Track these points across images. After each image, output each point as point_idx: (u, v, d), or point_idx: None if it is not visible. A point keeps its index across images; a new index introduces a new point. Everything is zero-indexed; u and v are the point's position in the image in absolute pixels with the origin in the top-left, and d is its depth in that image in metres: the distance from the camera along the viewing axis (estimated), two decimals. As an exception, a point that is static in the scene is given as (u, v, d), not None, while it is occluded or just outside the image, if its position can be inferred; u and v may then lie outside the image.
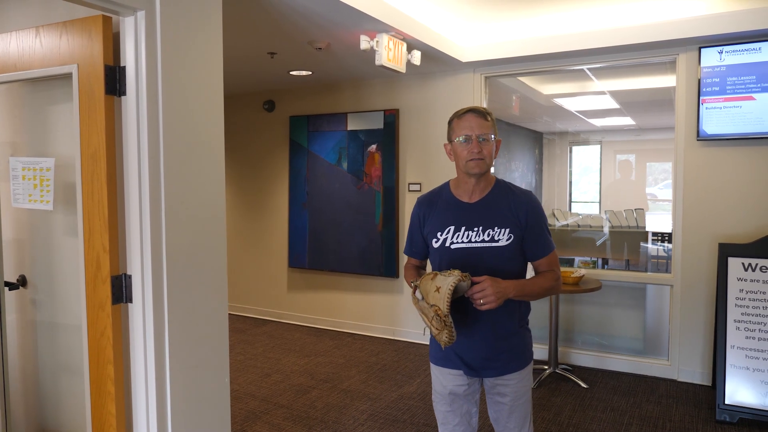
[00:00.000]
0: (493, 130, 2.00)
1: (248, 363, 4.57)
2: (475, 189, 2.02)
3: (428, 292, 1.87)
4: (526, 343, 2.13)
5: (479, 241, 1.97)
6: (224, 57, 4.19)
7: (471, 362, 2.05)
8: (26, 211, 2.59)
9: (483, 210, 2.00)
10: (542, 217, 2.04)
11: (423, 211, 2.12)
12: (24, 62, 2.34)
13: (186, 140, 2.26)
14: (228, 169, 6.21)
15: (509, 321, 2.04)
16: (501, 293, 1.84)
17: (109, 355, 2.21)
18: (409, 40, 3.72)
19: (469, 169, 1.96)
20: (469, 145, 1.94)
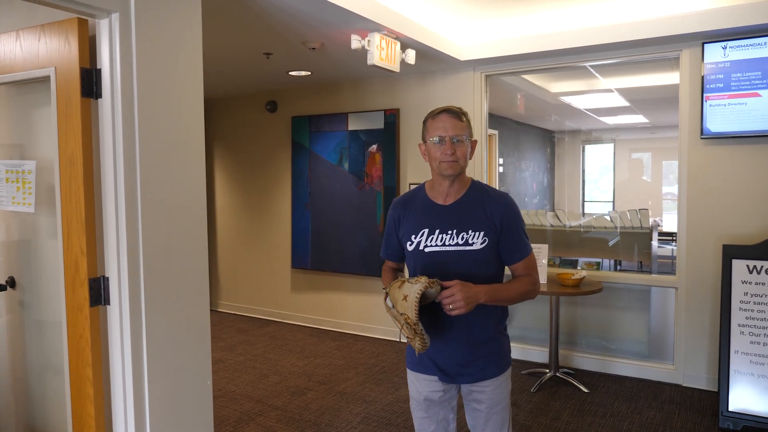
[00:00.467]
0: (468, 131, 1.95)
1: (248, 364, 4.57)
2: (450, 191, 1.97)
3: (397, 300, 1.83)
4: (504, 349, 2.07)
5: (453, 245, 1.93)
6: (219, 57, 4.22)
7: (445, 368, 2.01)
8: (14, 213, 2.61)
9: (457, 213, 1.96)
10: (518, 220, 1.99)
11: (398, 213, 2.07)
12: (5, 66, 2.35)
13: (163, 142, 2.25)
14: (231, 170, 6.24)
15: (485, 326, 1.99)
16: (471, 298, 1.79)
17: (87, 358, 2.21)
18: (403, 39, 3.68)
19: (442, 170, 1.92)
20: (442, 146, 1.89)
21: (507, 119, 7.79)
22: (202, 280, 2.45)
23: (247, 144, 6.12)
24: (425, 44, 3.83)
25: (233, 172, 6.26)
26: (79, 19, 2.12)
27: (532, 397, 3.84)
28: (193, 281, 2.41)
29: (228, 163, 6.29)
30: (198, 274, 2.43)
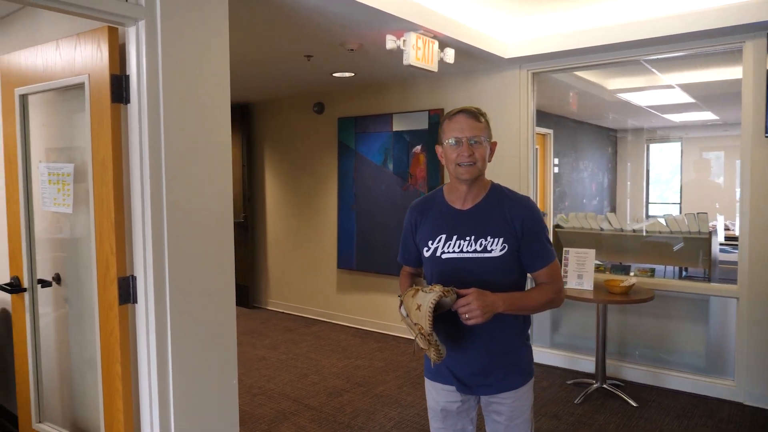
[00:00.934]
0: (487, 132, 1.87)
1: (289, 363, 4.63)
2: (468, 195, 1.89)
3: (411, 309, 1.78)
4: (525, 360, 1.98)
5: (471, 252, 1.85)
6: (262, 60, 4.29)
7: (463, 378, 1.93)
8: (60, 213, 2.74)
9: (475, 218, 1.88)
10: (540, 224, 1.90)
11: (415, 217, 2.01)
12: (48, 73, 2.48)
13: (188, 146, 2.30)
14: (281, 171, 6.36)
15: (505, 336, 1.91)
16: (488, 307, 1.71)
17: (116, 354, 2.29)
18: (441, 38, 3.61)
19: (459, 174, 1.84)
20: (458, 148, 1.82)
21: (563, 118, 7.51)
22: (227, 281, 2.49)
23: (295, 145, 6.21)
24: (465, 42, 3.74)
25: (283, 173, 6.37)
26: (110, 28, 2.20)
27: (575, 409, 3.67)
28: (219, 282, 2.45)
29: (278, 164, 6.41)
30: (223, 275, 2.47)
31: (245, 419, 3.56)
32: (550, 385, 4.11)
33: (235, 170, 6.58)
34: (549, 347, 4.59)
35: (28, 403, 2.77)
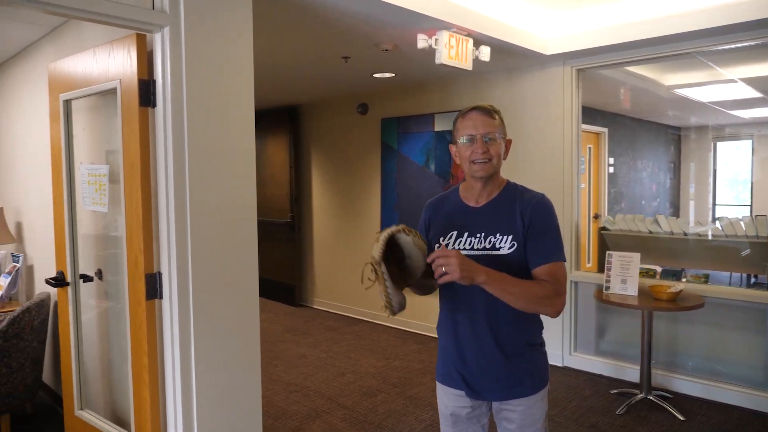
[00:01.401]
0: (501, 129, 1.83)
1: (328, 361, 4.68)
2: (482, 192, 1.85)
3: (373, 245, 1.63)
4: (538, 366, 1.90)
5: (480, 249, 1.80)
6: (301, 63, 4.35)
7: (472, 382, 1.88)
8: (100, 212, 2.89)
9: (487, 215, 1.83)
10: (547, 220, 1.80)
11: (429, 215, 1.99)
12: (86, 80, 2.62)
13: (212, 148, 2.36)
14: (327, 172, 6.44)
15: (515, 336, 1.84)
16: (467, 268, 1.59)
17: (144, 347, 2.39)
18: (475, 36, 3.54)
19: (474, 172, 1.81)
20: (473, 146, 1.79)
21: (619, 115, 7.21)
22: (251, 280, 2.54)
23: (340, 146, 6.27)
24: (501, 40, 3.65)
25: (329, 174, 6.45)
26: (138, 35, 2.29)
27: (616, 420, 3.50)
28: (242, 280, 2.50)
29: (324, 165, 6.49)
30: (247, 274, 2.52)
31: (279, 415, 3.63)
32: (592, 393, 3.95)
33: (283, 171, 6.73)
34: (593, 354, 4.41)
35: (71, 391, 2.94)
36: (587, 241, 6.16)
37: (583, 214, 6.63)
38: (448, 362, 1.93)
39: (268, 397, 3.90)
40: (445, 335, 1.96)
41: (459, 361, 1.86)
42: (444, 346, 1.97)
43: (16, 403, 3.21)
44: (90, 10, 2.07)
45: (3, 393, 3.11)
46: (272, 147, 6.93)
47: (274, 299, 6.98)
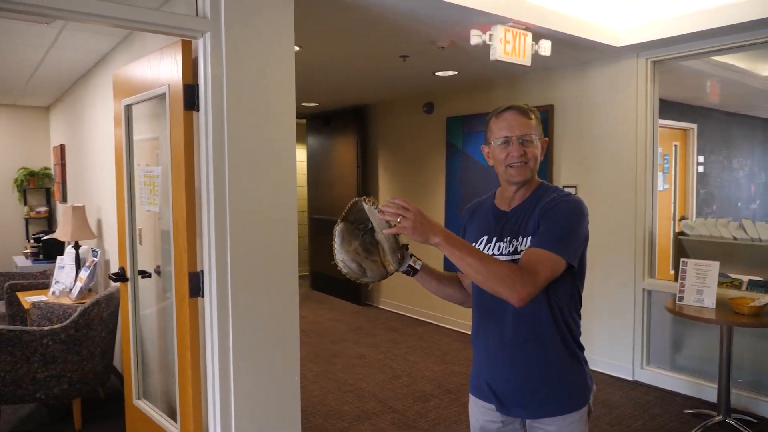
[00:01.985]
0: (538, 130, 1.71)
1: (386, 363, 4.65)
2: (515, 196, 1.75)
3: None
4: (573, 381, 1.73)
5: (507, 254, 1.69)
6: (359, 63, 4.34)
7: (502, 396, 1.75)
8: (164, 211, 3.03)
9: (514, 219, 1.73)
10: (557, 213, 1.62)
11: (465, 220, 1.92)
12: (142, 85, 2.75)
13: (252, 150, 2.40)
14: (393, 172, 6.42)
15: (550, 348, 1.69)
16: (424, 225, 1.50)
17: (187, 343, 2.47)
18: (534, 29, 3.36)
19: (510, 176, 1.69)
20: (508, 148, 1.68)
21: (710, 110, 6.63)
22: (290, 281, 2.56)
23: (406, 146, 6.23)
24: (564, 32, 3.45)
25: (395, 174, 6.43)
26: (183, 41, 2.37)
27: (687, 443, 3.22)
28: (282, 281, 2.52)
29: (390, 165, 6.48)
30: (287, 274, 2.54)
31: (329, 414, 3.65)
32: (663, 412, 3.65)
33: (350, 171, 6.78)
34: (668, 369, 4.08)
35: (130, 381, 3.10)
36: (671, 247, 5.72)
37: (666, 216, 6.17)
38: (479, 373, 1.82)
39: (321, 396, 3.93)
40: (476, 344, 1.87)
41: (489, 372, 1.76)
42: (476, 356, 1.87)
43: (87, 388, 3.44)
44: (136, 20, 2.16)
45: (74, 379, 3.35)
46: (340, 147, 7.01)
47: (341, 298, 7.07)
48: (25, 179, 6.83)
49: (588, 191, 4.42)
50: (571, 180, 4.56)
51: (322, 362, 4.66)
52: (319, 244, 7.52)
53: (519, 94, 4.90)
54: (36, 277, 4.98)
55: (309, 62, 4.26)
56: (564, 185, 4.59)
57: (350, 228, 1.65)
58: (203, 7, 2.31)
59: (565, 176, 4.60)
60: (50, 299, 4.14)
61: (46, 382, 3.28)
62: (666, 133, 6.35)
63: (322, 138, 7.38)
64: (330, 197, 7.26)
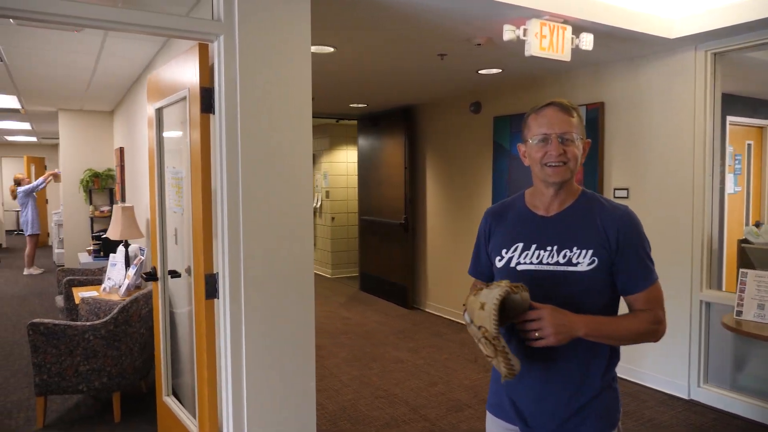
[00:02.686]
0: (580, 129, 1.57)
1: (424, 368, 4.55)
2: (554, 200, 1.61)
3: (473, 310, 1.47)
4: (608, 406, 1.60)
5: (552, 264, 1.56)
6: (397, 63, 4.26)
7: (528, 416, 1.61)
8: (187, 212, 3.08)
9: (561, 226, 1.59)
10: (640, 238, 1.55)
11: (489, 223, 1.75)
12: (169, 89, 2.80)
13: (265, 153, 2.38)
14: (440, 173, 6.30)
15: (591, 370, 1.57)
16: (563, 327, 1.42)
17: (203, 344, 2.49)
18: (574, 22, 3.17)
19: (547, 176, 1.56)
20: (546, 146, 1.55)
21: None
22: (306, 285, 2.52)
23: (453, 147, 6.09)
24: (607, 24, 3.23)
25: (442, 174, 6.30)
26: (200, 44, 2.39)
27: (743, 473, 2.92)
28: (297, 285, 2.49)
29: (438, 166, 6.36)
30: (302, 278, 2.51)
31: (358, 419, 3.59)
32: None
33: (397, 172, 6.72)
34: (729, 389, 3.73)
35: (160, 378, 3.18)
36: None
37: (737, 221, 5.69)
38: (500, 391, 1.69)
39: (352, 400, 3.89)
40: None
41: (514, 390, 1.62)
42: (494, 372, 1.71)
43: (126, 382, 3.56)
44: (152, 25, 2.19)
45: (114, 373, 3.47)
46: (388, 148, 6.96)
47: (388, 300, 7.02)
48: (90, 180, 7.24)
49: (640, 194, 4.14)
50: (622, 182, 4.28)
51: (359, 366, 4.62)
52: (369, 245, 7.50)
53: (567, 92, 4.66)
54: (94, 273, 5.24)
55: (345, 63, 4.23)
56: (615, 187, 4.32)
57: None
58: (218, 11, 2.31)
59: (616, 178, 4.32)
60: (101, 295, 4.33)
61: (88, 375, 3.42)
62: (738, 131, 5.86)
63: (372, 139, 7.36)
64: (378, 198, 7.22)
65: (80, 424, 3.52)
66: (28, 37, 3.71)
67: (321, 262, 9.10)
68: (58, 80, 5.12)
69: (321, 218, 8.96)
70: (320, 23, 3.24)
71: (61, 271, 5.28)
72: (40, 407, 3.45)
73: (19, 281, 8.28)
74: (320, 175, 8.89)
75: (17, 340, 5.24)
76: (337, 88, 5.42)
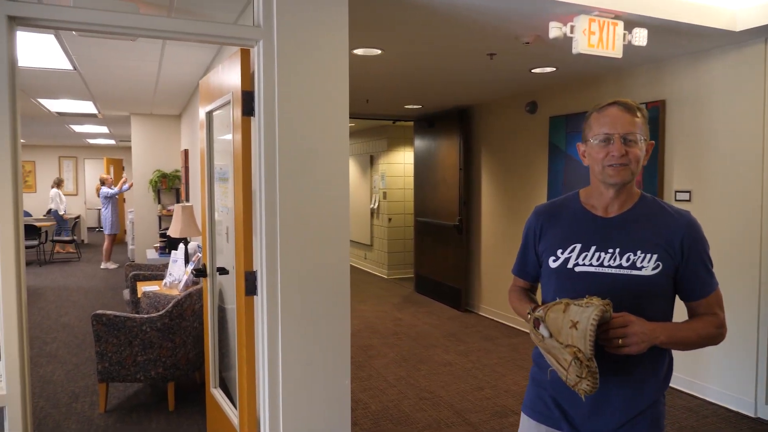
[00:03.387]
0: (644, 129, 1.53)
1: (472, 372, 4.49)
2: (614, 202, 1.57)
3: (560, 328, 1.43)
4: (658, 412, 1.57)
5: (615, 267, 1.52)
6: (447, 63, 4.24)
7: (580, 423, 1.56)
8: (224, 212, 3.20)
9: (622, 228, 1.55)
10: (703, 245, 1.55)
11: (540, 222, 1.71)
12: (218, 92, 2.92)
13: (302, 155, 2.43)
14: (494, 174, 6.20)
15: (653, 376, 1.54)
16: (646, 335, 1.39)
17: (243, 339, 2.58)
18: (626, 17, 3.04)
19: (607, 177, 1.52)
20: (608, 146, 1.51)
21: None
22: (341, 284, 2.55)
23: (508, 147, 5.98)
24: (663, 18, 3.07)
25: (497, 176, 6.20)
26: (242, 49, 2.47)
27: (810, 499, 2.70)
28: (332, 285, 2.53)
29: (493, 167, 6.26)
30: (338, 277, 2.54)
31: (400, 420, 3.60)
32: (786, 458, 3.11)
33: (452, 174, 6.67)
34: (800, 408, 3.46)
35: (208, 370, 3.31)
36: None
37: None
38: (543, 394, 1.64)
39: (396, 401, 3.90)
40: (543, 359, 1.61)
41: (563, 395, 1.56)
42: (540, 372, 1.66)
43: (180, 373, 3.74)
44: (193, 32, 2.29)
45: (168, 364, 3.65)
46: (443, 149, 6.92)
47: (441, 301, 6.98)
48: (159, 180, 7.65)
49: (703, 196, 3.91)
50: (683, 184, 4.05)
51: (407, 367, 4.62)
52: (424, 247, 7.49)
53: (625, 89, 4.47)
54: (158, 269, 5.53)
55: (393, 65, 4.25)
56: (676, 190, 4.10)
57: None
58: (258, 17, 2.39)
59: (678, 180, 4.10)
60: (161, 290, 4.57)
61: (145, 364, 3.62)
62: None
63: (427, 140, 7.34)
64: (433, 200, 7.19)
65: (137, 411, 3.72)
66: (95, 47, 3.97)
67: (377, 262, 9.17)
68: (126, 86, 5.45)
69: (378, 219, 9.03)
70: (365, 26, 3.28)
71: (129, 266, 5.61)
72: (102, 393, 3.68)
73: (96, 275, 8.86)
74: (378, 177, 8.96)
75: (89, 330, 5.62)
76: (389, 90, 5.45)
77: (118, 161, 13.54)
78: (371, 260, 9.38)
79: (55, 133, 10.98)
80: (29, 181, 14.64)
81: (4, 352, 2.00)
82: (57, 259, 10.53)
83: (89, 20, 2.12)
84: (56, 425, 3.50)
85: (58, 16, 2.09)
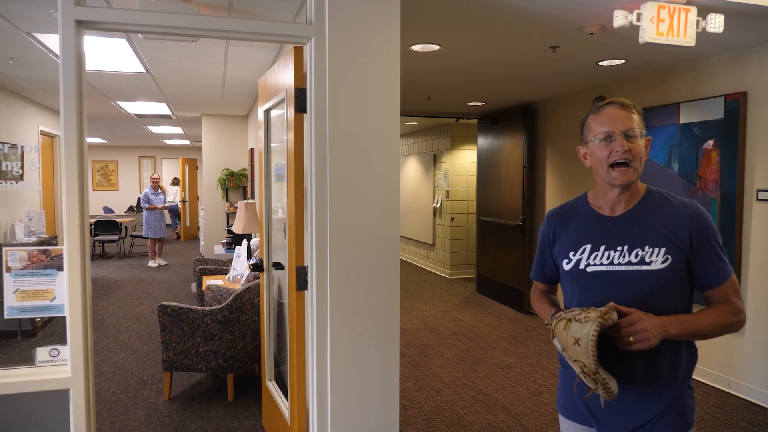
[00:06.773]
0: (641, 125, 1.57)
1: (531, 376, 4.36)
2: (619, 200, 1.60)
3: (566, 344, 1.48)
4: (686, 406, 1.56)
5: (624, 264, 1.54)
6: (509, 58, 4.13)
7: (605, 421, 1.58)
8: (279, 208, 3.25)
9: (629, 225, 1.57)
10: (712, 233, 1.54)
11: (553, 226, 1.75)
12: (274, 91, 2.97)
13: (353, 152, 2.43)
14: (559, 172, 6.00)
15: (672, 371, 1.53)
16: (655, 329, 1.41)
17: (294, 334, 2.62)
18: (699, 3, 2.83)
19: (612, 179, 1.55)
20: (611, 144, 1.54)
21: None
22: (391, 281, 2.53)
23: (574, 145, 5.75)
24: (740, 2, 2.84)
25: (562, 174, 5.98)
26: (295, 47, 2.51)
27: None
28: (382, 282, 2.51)
29: (557, 165, 6.05)
30: (388, 275, 2.52)
31: (454, 422, 3.54)
32: None
33: (516, 172, 6.50)
34: None
35: (264, 363, 3.38)
36: None
37: None
38: (571, 394, 1.65)
39: (451, 402, 3.83)
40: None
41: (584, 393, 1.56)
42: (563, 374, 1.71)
43: (239, 365, 3.85)
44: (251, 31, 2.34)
45: (228, 355, 3.77)
46: (507, 147, 6.76)
47: (502, 303, 6.82)
48: (226, 178, 7.93)
49: (789, 196, 3.59)
50: (767, 182, 3.74)
51: (464, 368, 4.54)
52: (486, 246, 7.35)
53: (701, 81, 4.19)
54: (224, 264, 5.73)
55: (453, 60, 4.18)
56: (758, 188, 3.80)
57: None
58: (310, 14, 2.41)
59: (760, 178, 3.79)
60: (225, 284, 4.73)
61: (206, 355, 3.75)
62: None
63: (491, 138, 7.19)
64: (496, 199, 7.04)
65: (198, 400, 3.87)
66: (164, 50, 4.16)
67: (440, 262, 9.09)
68: (195, 87, 5.68)
69: (440, 218, 8.96)
70: (422, 21, 3.24)
71: (197, 261, 5.85)
72: (167, 381, 3.85)
73: (169, 269, 9.32)
74: (441, 175, 8.88)
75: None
76: (450, 87, 5.38)
77: (193, 161, 14.17)
78: (433, 260, 9.32)
79: (135, 134, 11.65)
80: (112, 180, 15.61)
81: (69, 339, 2.12)
82: (135, 253, 11.16)
83: (151, 22, 2.21)
84: (125, 409, 3.69)
85: (122, 19, 2.19)
